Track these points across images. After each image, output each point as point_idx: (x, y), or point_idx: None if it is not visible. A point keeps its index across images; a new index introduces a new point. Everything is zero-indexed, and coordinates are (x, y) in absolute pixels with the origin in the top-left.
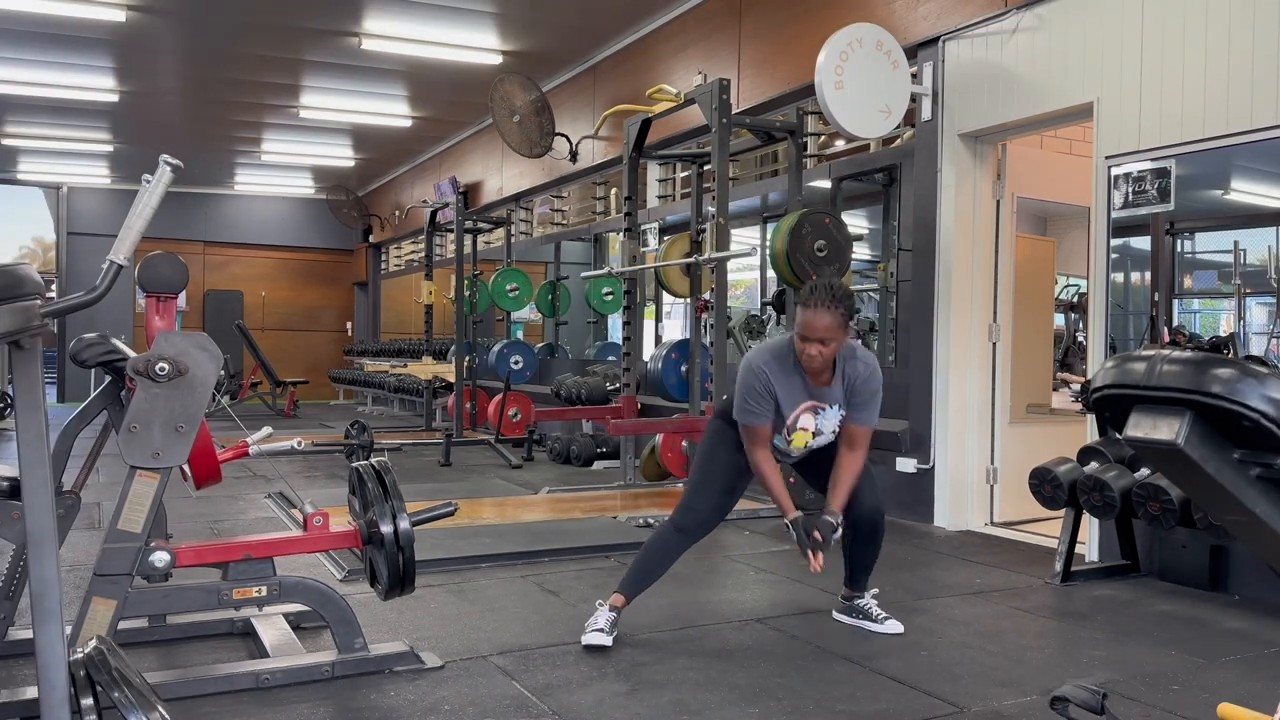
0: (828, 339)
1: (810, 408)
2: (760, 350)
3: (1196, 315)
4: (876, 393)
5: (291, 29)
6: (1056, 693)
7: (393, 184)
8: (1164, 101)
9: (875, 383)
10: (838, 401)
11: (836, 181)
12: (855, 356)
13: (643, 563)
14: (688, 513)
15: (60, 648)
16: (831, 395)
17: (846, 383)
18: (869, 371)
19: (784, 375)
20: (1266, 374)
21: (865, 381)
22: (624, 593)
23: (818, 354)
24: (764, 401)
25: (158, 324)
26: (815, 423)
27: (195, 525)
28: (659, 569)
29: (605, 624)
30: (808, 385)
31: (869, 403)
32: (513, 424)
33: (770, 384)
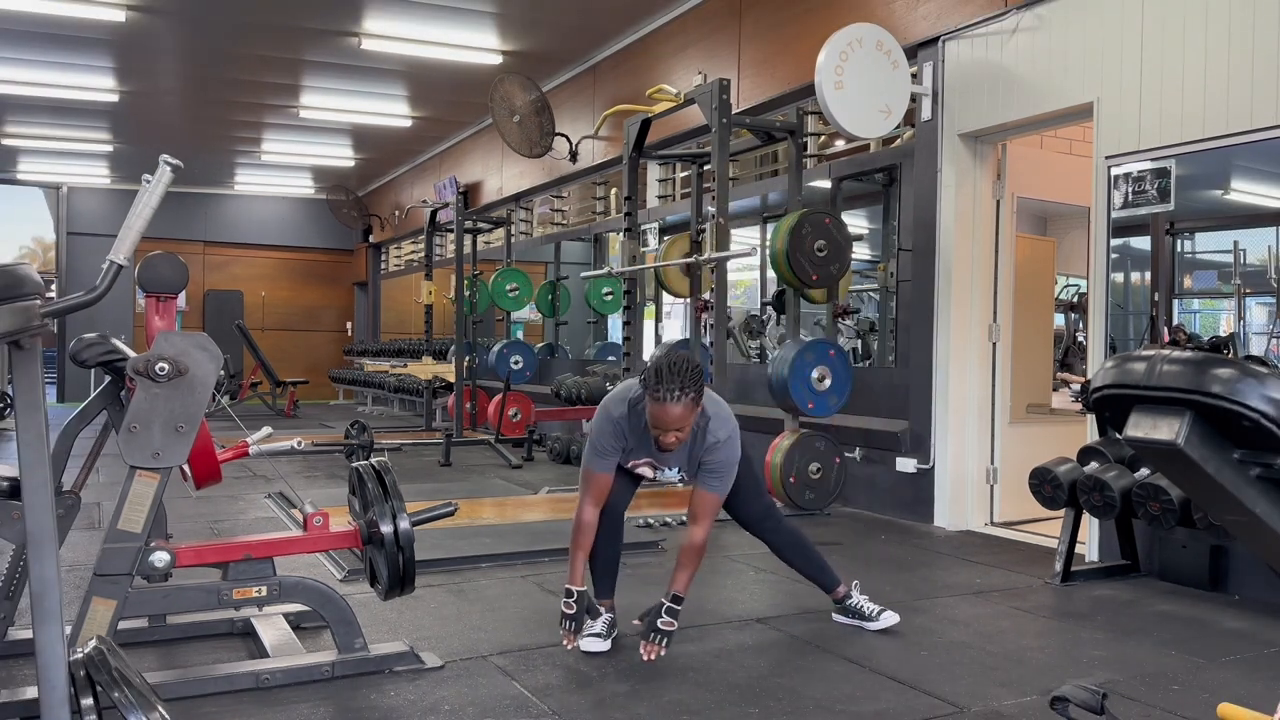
0: (682, 427)
1: (648, 462)
2: (618, 399)
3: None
4: (725, 464)
5: (291, 29)
6: (1056, 693)
7: (393, 184)
8: (1164, 101)
9: (725, 454)
10: (679, 465)
11: (836, 181)
12: (707, 429)
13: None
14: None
15: (60, 648)
16: (674, 460)
17: (694, 453)
18: (723, 442)
19: (635, 431)
20: (1266, 374)
21: (716, 452)
22: (602, 595)
23: (675, 441)
24: (614, 450)
25: (158, 324)
26: (654, 473)
27: (195, 525)
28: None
29: (602, 628)
30: (653, 449)
31: (719, 473)
32: (513, 424)
33: (623, 435)
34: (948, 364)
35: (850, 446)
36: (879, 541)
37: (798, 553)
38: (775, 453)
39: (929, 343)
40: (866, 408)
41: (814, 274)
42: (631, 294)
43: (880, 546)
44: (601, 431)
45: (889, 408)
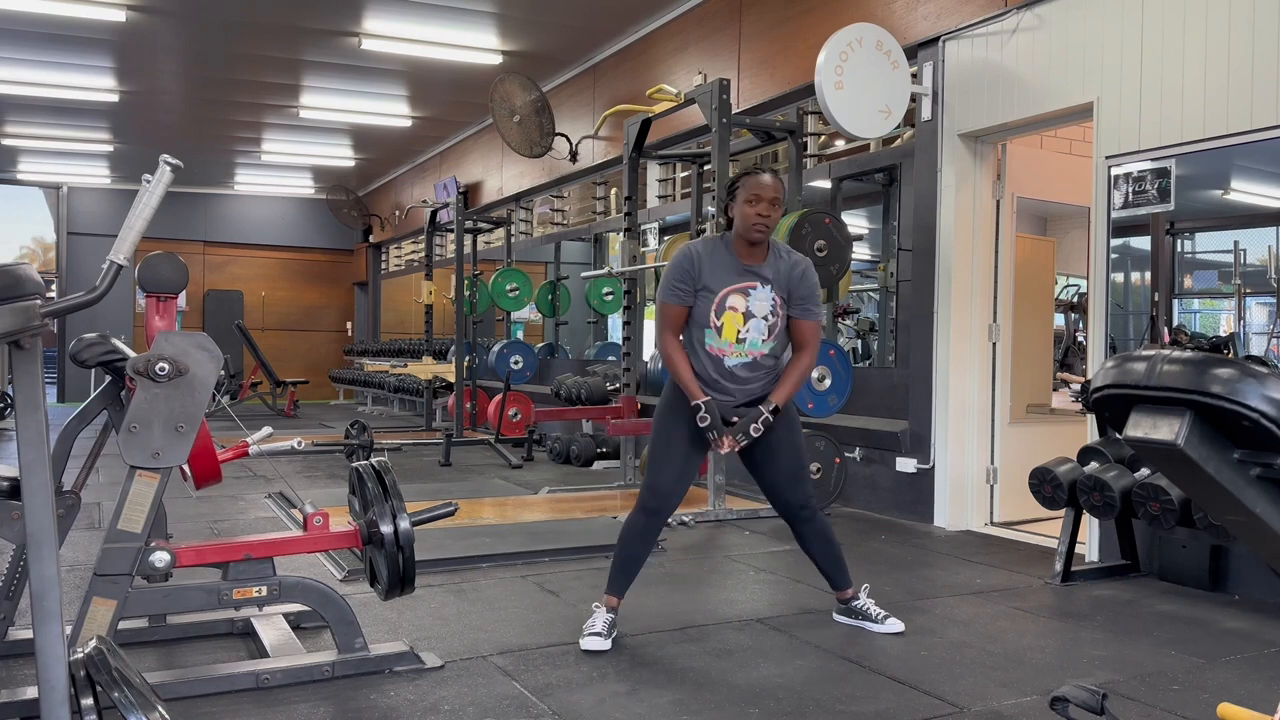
0: (776, 200)
1: (740, 288)
2: (690, 245)
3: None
4: (816, 287)
5: (291, 29)
6: (1056, 693)
7: (393, 184)
8: (1164, 101)
9: (812, 277)
10: (769, 282)
11: (836, 181)
12: (790, 251)
13: (621, 556)
14: (651, 492)
15: (60, 648)
16: (762, 273)
17: (783, 267)
18: (804, 265)
19: (714, 255)
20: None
21: (806, 272)
22: (613, 593)
23: (768, 214)
24: (687, 279)
25: (158, 324)
26: (746, 304)
27: (195, 525)
28: (639, 558)
29: (602, 627)
30: (738, 264)
31: (813, 294)
32: (513, 424)
33: (697, 261)
34: (948, 364)
35: (850, 446)
36: (879, 541)
37: (824, 545)
38: None
39: (929, 343)
40: (866, 408)
41: None
42: (631, 294)
43: (880, 546)
44: (675, 267)
45: (889, 408)
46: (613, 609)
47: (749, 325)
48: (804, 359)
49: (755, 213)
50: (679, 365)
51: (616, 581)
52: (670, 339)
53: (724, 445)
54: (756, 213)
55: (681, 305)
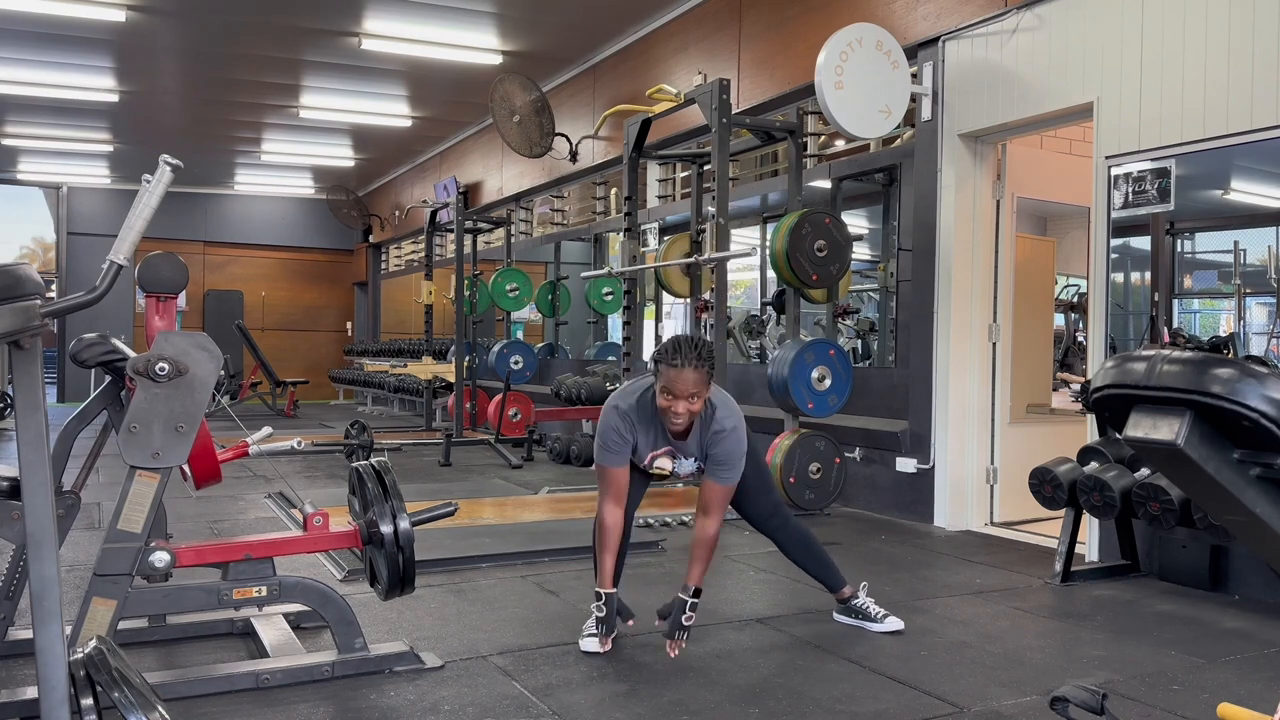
0: (696, 395)
1: (667, 452)
2: (624, 393)
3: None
4: (733, 454)
5: (291, 29)
6: (1056, 693)
7: (393, 184)
8: (1164, 101)
9: (732, 443)
10: (694, 455)
11: (836, 181)
12: (714, 416)
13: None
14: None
15: (60, 648)
16: (687, 449)
17: (705, 441)
18: (730, 430)
19: (644, 423)
20: (1266, 374)
21: (724, 441)
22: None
23: (685, 411)
24: (624, 444)
25: (158, 324)
26: (672, 465)
27: (195, 525)
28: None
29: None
30: (665, 436)
31: (727, 463)
32: (513, 424)
33: (633, 428)
34: (948, 364)
35: (850, 446)
36: (879, 541)
37: (805, 552)
38: (775, 453)
39: (929, 343)
40: (866, 408)
41: (814, 274)
42: (631, 294)
43: (880, 546)
44: (608, 427)
45: (889, 408)
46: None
47: (677, 468)
48: (710, 526)
49: (669, 410)
50: (605, 546)
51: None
52: (609, 508)
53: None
54: (671, 411)
55: (622, 468)
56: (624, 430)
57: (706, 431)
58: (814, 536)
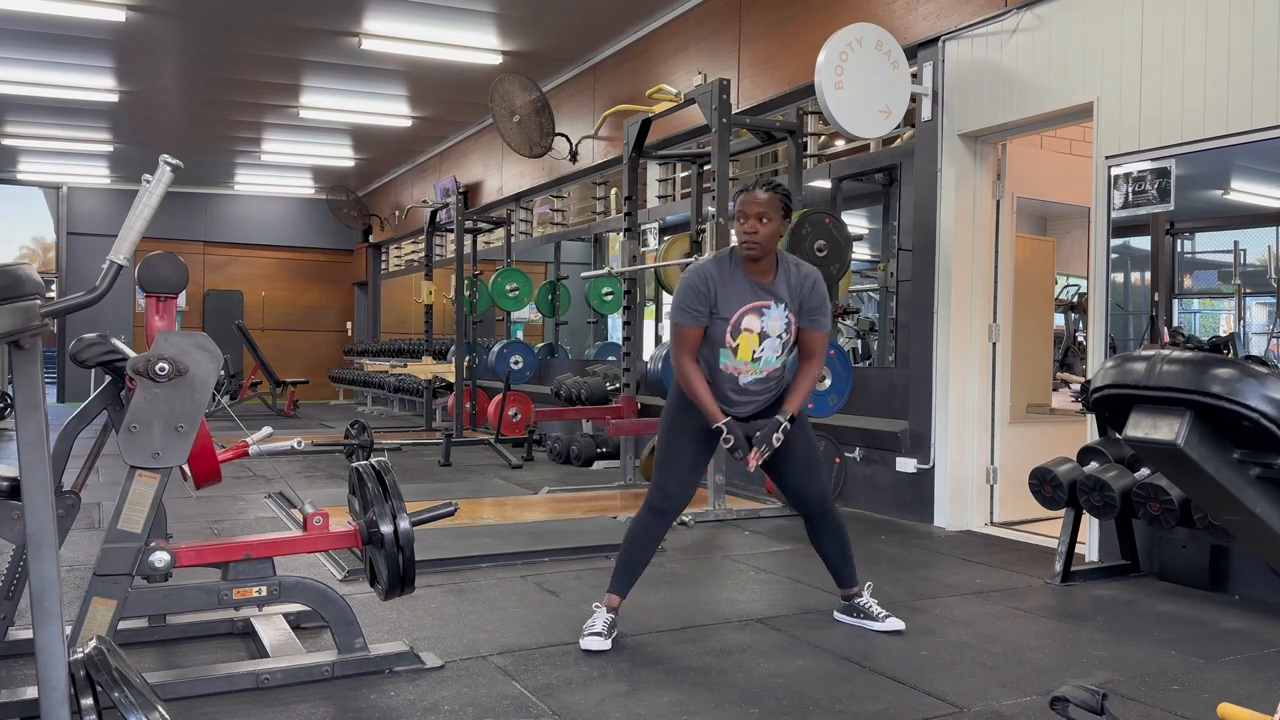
0: (765, 216)
1: (754, 308)
2: (703, 258)
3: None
4: (825, 298)
5: (291, 29)
6: (1056, 693)
7: (393, 184)
8: (1164, 101)
9: (821, 289)
10: (783, 301)
11: (836, 181)
12: (799, 264)
13: (626, 555)
14: (659, 493)
15: (60, 648)
16: (776, 291)
17: (793, 283)
18: (813, 277)
19: (726, 275)
20: (1266, 374)
21: (814, 285)
22: (616, 591)
23: (754, 230)
24: (702, 301)
25: (158, 324)
26: (760, 324)
27: (195, 525)
28: (644, 557)
29: (602, 627)
30: (751, 284)
31: (821, 307)
32: (513, 424)
33: (710, 282)
34: (947, 364)
35: (850, 446)
36: (879, 541)
37: (837, 542)
38: None
39: (929, 343)
40: (866, 408)
41: None
42: (631, 294)
43: (880, 546)
44: (686, 287)
45: (889, 408)
46: (614, 609)
47: (764, 345)
48: (812, 368)
49: (742, 230)
50: (697, 388)
51: (620, 580)
52: (687, 360)
53: (750, 462)
54: (744, 230)
55: (698, 327)
56: (701, 287)
57: (795, 275)
58: (848, 532)
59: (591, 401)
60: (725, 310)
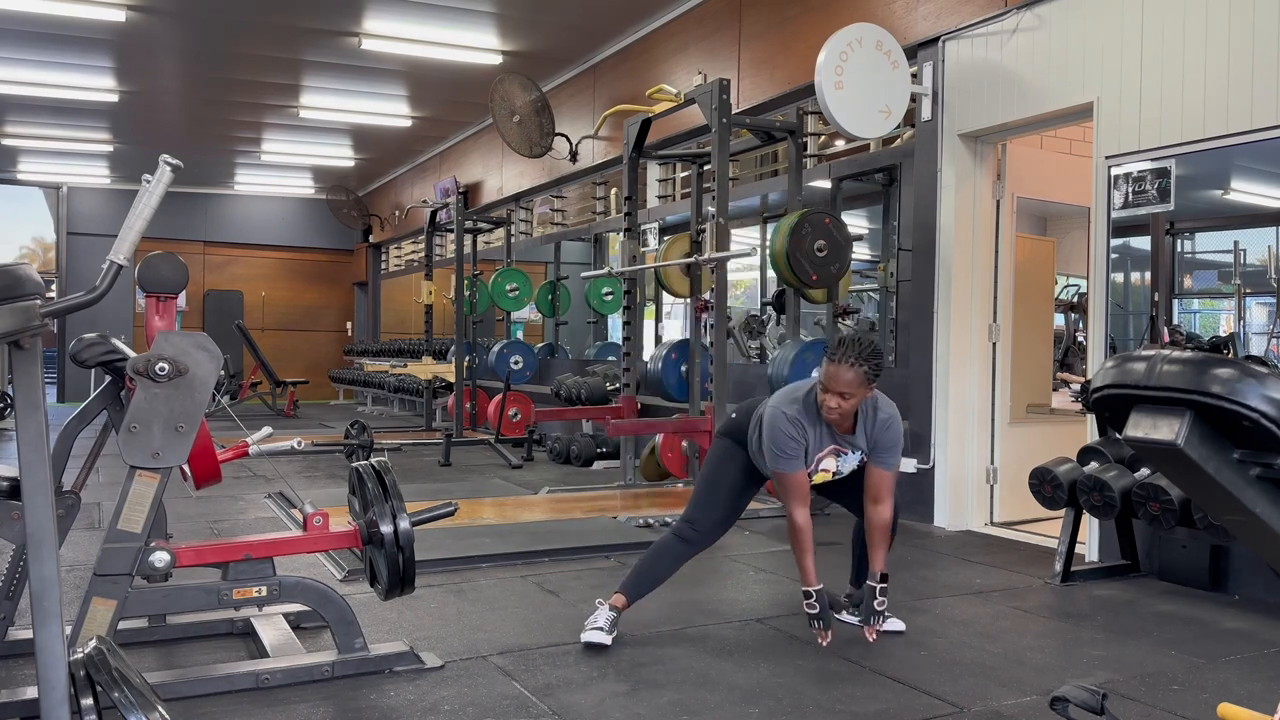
0: (848, 394)
1: (833, 451)
2: (786, 398)
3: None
4: (898, 440)
5: (291, 29)
6: (1056, 693)
7: (393, 184)
8: (1164, 101)
9: (896, 431)
10: (860, 449)
11: (836, 181)
12: (877, 407)
13: (646, 567)
14: (690, 527)
15: (60, 648)
16: (854, 442)
17: (870, 431)
18: (890, 420)
19: (810, 423)
20: (1266, 374)
21: (886, 431)
22: (625, 593)
23: (836, 406)
24: (799, 448)
25: (158, 324)
26: (836, 464)
27: (195, 525)
28: (661, 575)
29: (605, 623)
30: (832, 433)
31: (891, 449)
32: (513, 424)
33: (804, 432)
34: (948, 364)
35: None
36: None
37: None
38: None
39: (929, 343)
40: None
41: (814, 274)
42: (631, 294)
43: None
44: (783, 436)
45: None
46: (618, 608)
47: (840, 465)
48: (885, 512)
49: (826, 404)
50: (803, 549)
51: (631, 585)
52: (799, 510)
53: (824, 638)
54: (827, 404)
55: (801, 472)
56: (798, 435)
57: (872, 421)
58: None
59: (591, 401)
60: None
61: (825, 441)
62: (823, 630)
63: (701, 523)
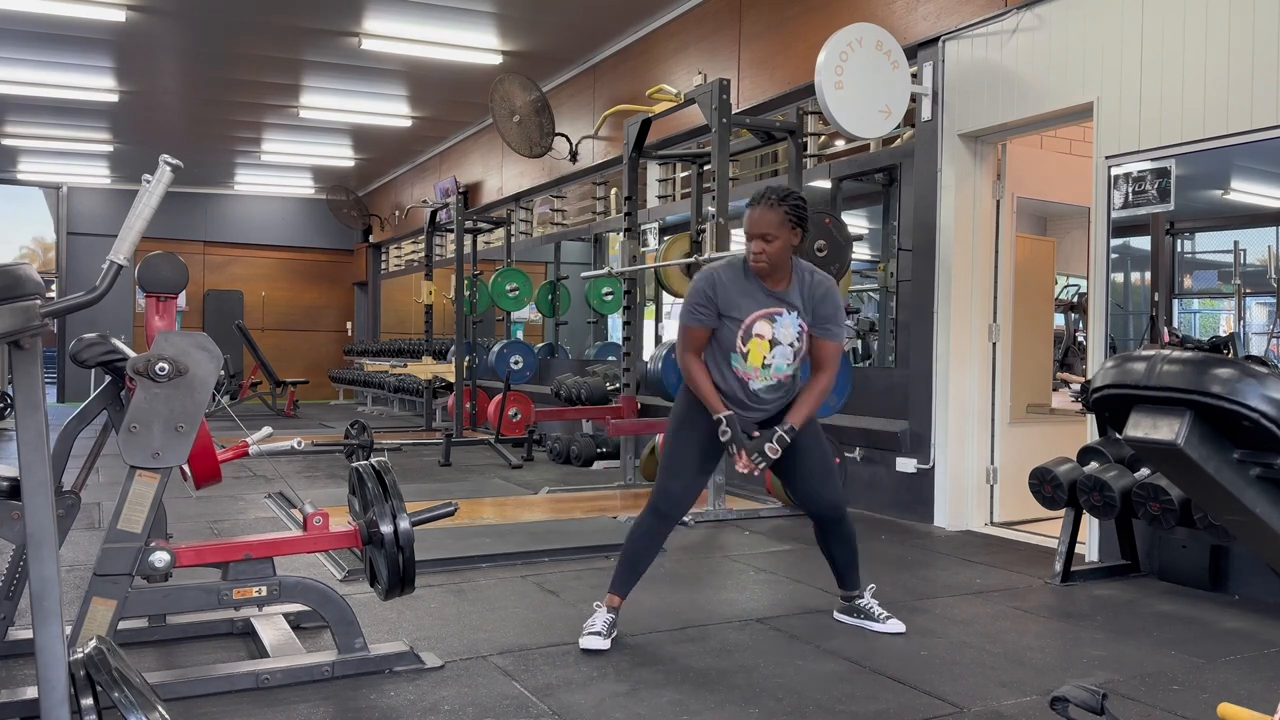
0: (770, 236)
1: (766, 314)
2: (714, 264)
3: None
4: (838, 307)
5: (291, 29)
6: (1056, 693)
7: (393, 184)
8: (1164, 101)
9: (835, 298)
10: (796, 309)
11: (836, 181)
12: (813, 272)
13: (628, 556)
14: (664, 496)
15: (60, 648)
16: (788, 299)
17: (806, 291)
18: (826, 284)
19: (739, 280)
20: (1266, 374)
21: (829, 292)
22: (617, 592)
23: (761, 251)
24: (707, 303)
25: (158, 324)
26: (772, 330)
27: (195, 525)
28: (645, 558)
29: (602, 627)
30: (764, 290)
31: (834, 316)
32: (513, 424)
33: (717, 286)
34: (948, 364)
35: (850, 446)
36: (879, 541)
37: (843, 546)
38: None
39: (929, 343)
40: (866, 408)
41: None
42: (631, 294)
43: (880, 546)
44: (695, 289)
45: (889, 408)
46: (614, 609)
47: (775, 351)
48: (823, 379)
49: (752, 252)
50: (700, 379)
51: (621, 581)
52: (690, 356)
53: (741, 462)
54: (753, 252)
55: (703, 328)
56: (707, 290)
57: (809, 283)
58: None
59: (591, 401)
60: (736, 313)
61: (757, 301)
62: (739, 453)
63: (673, 490)
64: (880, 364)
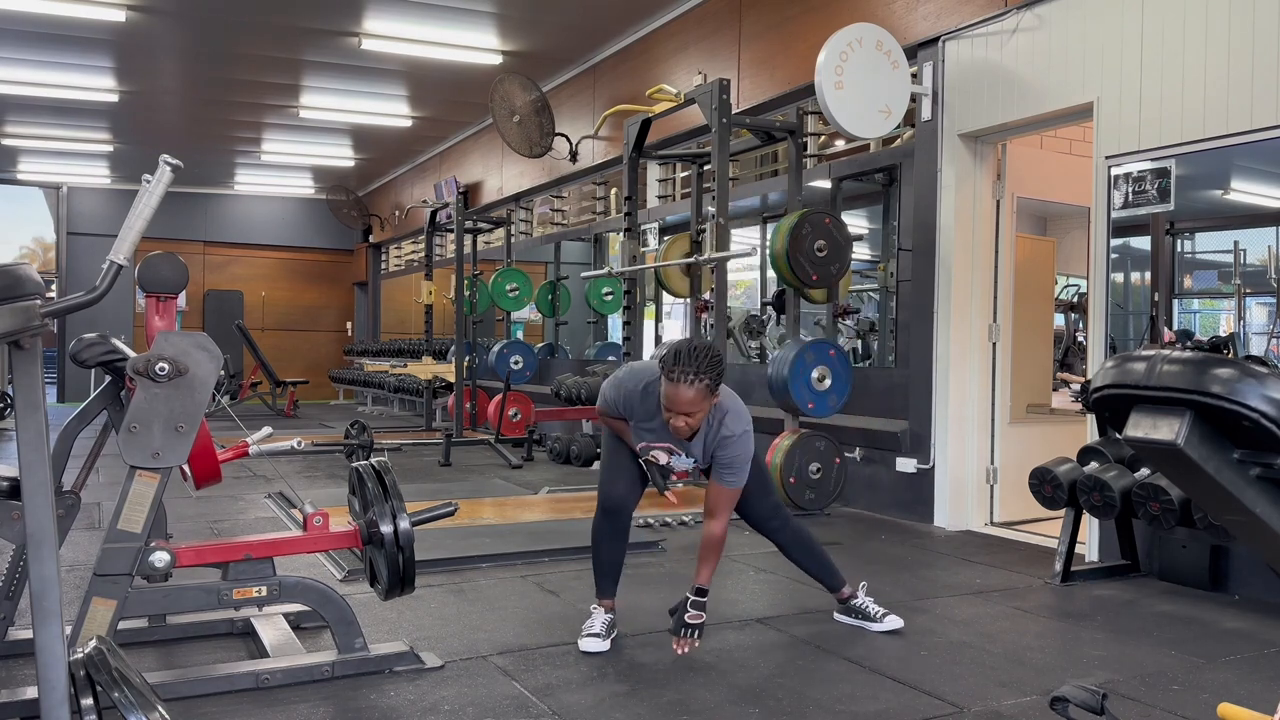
0: (692, 412)
1: (665, 448)
2: (635, 373)
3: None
4: (737, 459)
5: (291, 29)
6: (1056, 693)
7: (393, 184)
8: (1164, 101)
9: (737, 449)
10: (694, 457)
11: (836, 181)
12: (723, 421)
13: (597, 559)
14: (607, 497)
15: (60, 648)
16: (689, 448)
17: (709, 440)
18: (732, 439)
19: (648, 408)
20: (1266, 374)
21: (731, 445)
22: (604, 596)
23: (684, 425)
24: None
25: (158, 324)
26: (668, 459)
27: (195, 525)
28: (613, 556)
29: (601, 628)
30: (665, 430)
31: (731, 465)
32: (513, 424)
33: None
34: (948, 364)
35: (850, 446)
36: (879, 541)
37: (805, 552)
38: (775, 453)
39: (929, 343)
40: (866, 408)
41: (814, 274)
42: (631, 294)
43: (880, 546)
44: (607, 396)
45: (889, 408)
46: (609, 610)
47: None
48: (716, 528)
49: (674, 425)
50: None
51: (603, 585)
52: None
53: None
54: (674, 425)
55: (618, 421)
56: (620, 403)
57: (714, 435)
58: (813, 537)
59: (591, 401)
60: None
61: (658, 434)
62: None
63: (615, 492)
64: (880, 364)
